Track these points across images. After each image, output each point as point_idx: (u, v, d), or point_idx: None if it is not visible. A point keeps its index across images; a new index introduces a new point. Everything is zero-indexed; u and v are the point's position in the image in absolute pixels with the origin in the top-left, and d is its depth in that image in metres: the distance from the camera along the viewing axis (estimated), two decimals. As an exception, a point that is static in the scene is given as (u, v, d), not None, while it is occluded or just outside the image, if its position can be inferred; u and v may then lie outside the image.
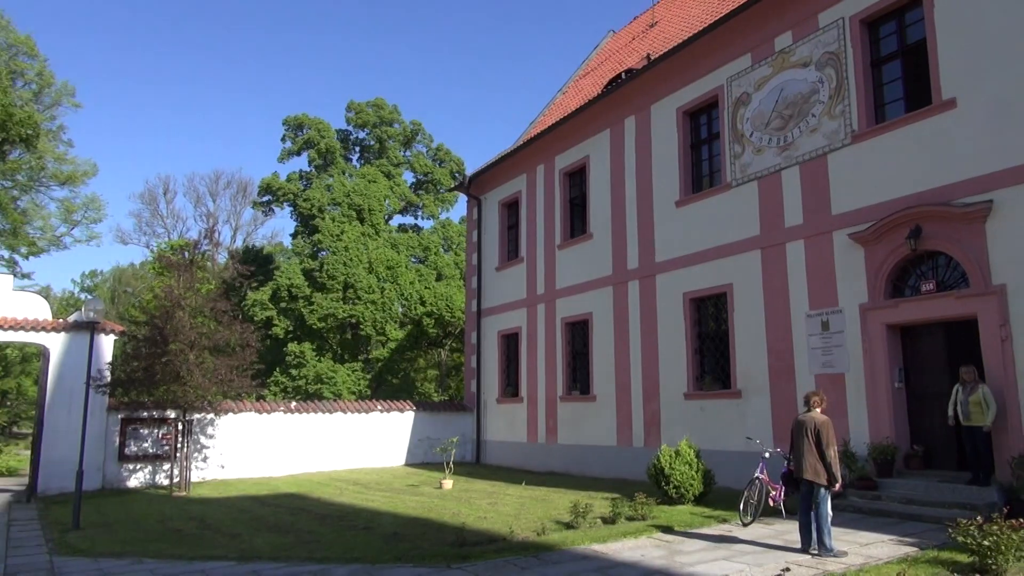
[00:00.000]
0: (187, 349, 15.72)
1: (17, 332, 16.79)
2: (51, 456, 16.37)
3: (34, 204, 40.94)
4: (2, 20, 37.39)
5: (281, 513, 12.18)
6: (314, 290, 36.13)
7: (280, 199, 41.68)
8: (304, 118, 42.54)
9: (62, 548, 9.57)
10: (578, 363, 18.34)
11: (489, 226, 22.37)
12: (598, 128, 18.02)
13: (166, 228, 52.53)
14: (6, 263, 35.88)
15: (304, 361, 35.36)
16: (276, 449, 19.18)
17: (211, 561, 8.33)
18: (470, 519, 10.67)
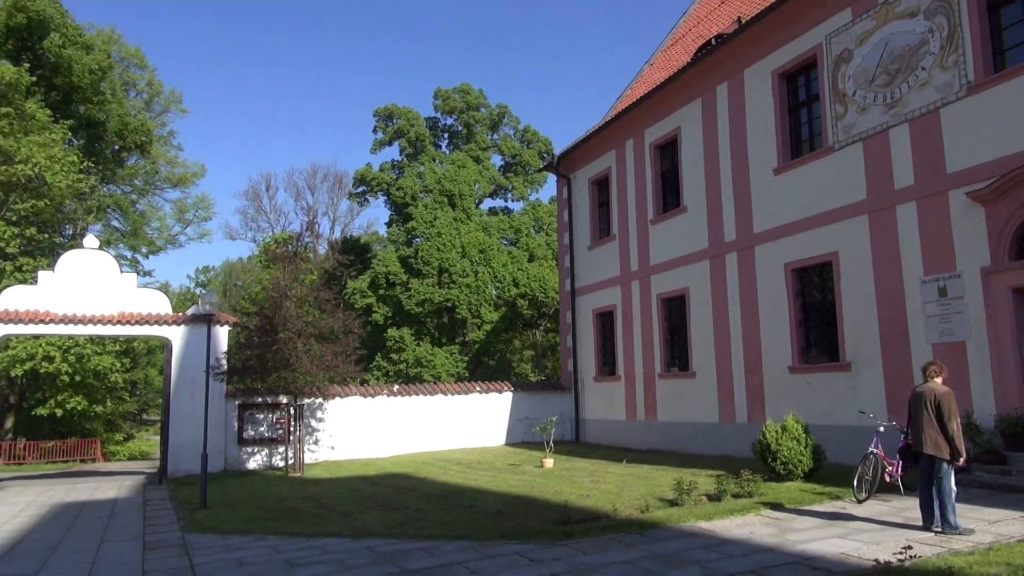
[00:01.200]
0: (295, 337, 16.43)
1: (143, 327, 18.04)
2: (178, 441, 17.56)
3: (151, 206, 43.72)
4: (114, 35, 39.82)
5: (389, 492, 12.61)
6: (410, 276, 37.01)
7: (374, 189, 42.79)
8: (394, 108, 43.39)
9: (192, 526, 10.26)
10: (676, 339, 18.02)
11: (579, 205, 22.22)
12: (688, 98, 17.52)
13: (270, 223, 54.99)
14: (129, 262, 38.50)
15: (403, 346, 36.35)
16: (381, 431, 19.84)
17: (327, 538, 8.72)
18: (573, 497, 10.72)
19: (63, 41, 32.52)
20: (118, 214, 39.95)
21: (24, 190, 27.67)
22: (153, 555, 8.36)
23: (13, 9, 31.31)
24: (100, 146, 36.16)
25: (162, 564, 7.87)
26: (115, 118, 36.03)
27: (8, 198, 27.59)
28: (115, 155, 38.05)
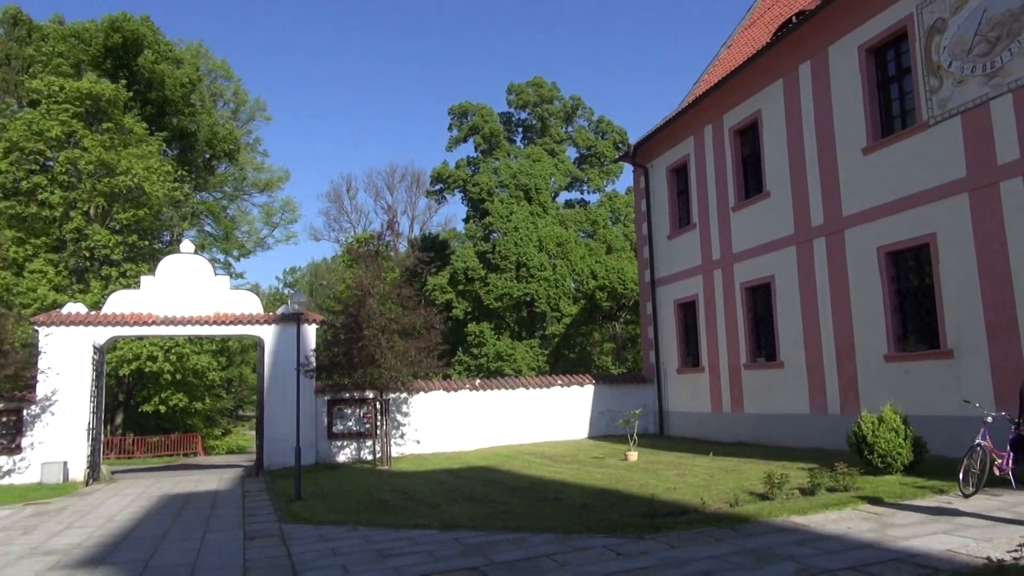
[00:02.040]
0: (379, 334, 16.82)
1: (237, 326, 18.85)
2: (272, 435, 18.28)
3: (240, 211, 45.62)
4: (202, 48, 41.65)
5: (475, 485, 12.76)
6: (488, 271, 37.30)
7: (451, 186, 43.30)
8: (468, 105, 43.75)
9: (288, 516, 10.66)
10: (762, 329, 17.51)
11: (657, 194, 21.86)
12: (769, 79, 16.95)
13: (351, 223, 56.48)
14: (222, 265, 40.30)
15: (484, 340, 36.70)
16: (464, 424, 20.10)
17: (416, 530, 8.90)
18: (659, 490, 10.58)
19: (156, 57, 34.27)
20: (211, 220, 41.88)
21: (126, 200, 29.34)
22: (253, 544, 8.73)
23: (110, 30, 33.21)
24: (192, 155, 37.98)
25: (262, 553, 8.20)
26: (205, 128, 37.78)
27: (112, 208, 29.31)
28: (206, 163, 39.92)
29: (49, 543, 9.42)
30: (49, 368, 17.22)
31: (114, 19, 33.47)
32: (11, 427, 17.12)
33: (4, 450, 16.98)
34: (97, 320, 17.83)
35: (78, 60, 32.97)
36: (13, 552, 8.88)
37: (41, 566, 7.97)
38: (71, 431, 17.21)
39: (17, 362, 16.43)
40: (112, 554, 8.57)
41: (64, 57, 32.49)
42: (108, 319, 17.93)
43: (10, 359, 16.26)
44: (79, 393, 17.38)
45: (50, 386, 17.22)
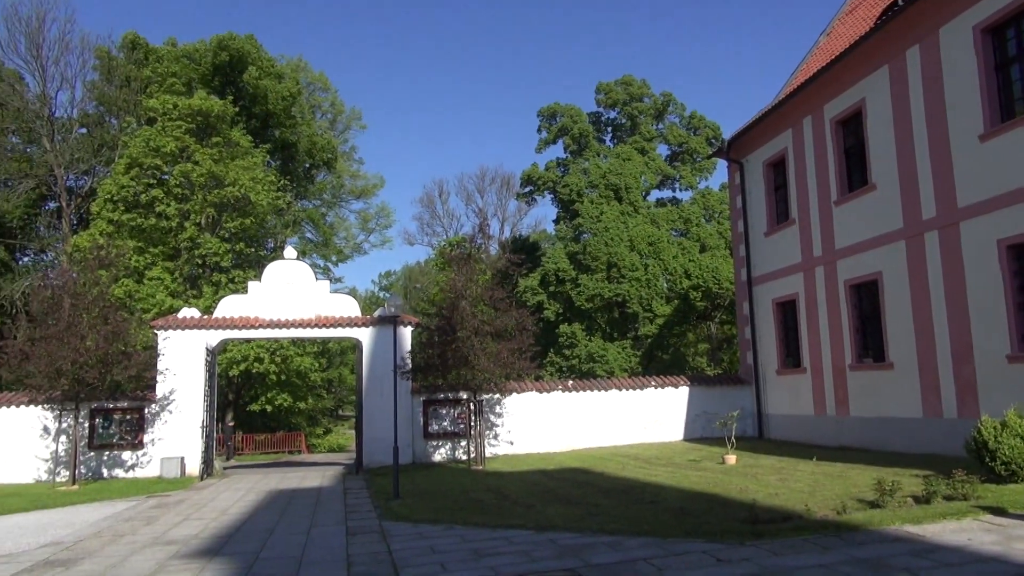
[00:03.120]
0: (472, 336, 17.04)
1: (336, 329, 19.53)
2: (371, 434, 18.83)
3: (338, 218, 47.33)
4: (301, 63, 43.44)
5: (569, 486, 12.73)
6: (579, 272, 37.16)
7: (541, 188, 43.43)
8: (557, 107, 43.76)
9: (388, 514, 10.95)
10: (868, 328, 16.67)
11: (754, 190, 21.19)
12: (873, 66, 16.13)
13: (443, 227, 57.50)
14: (322, 270, 41.87)
15: (575, 341, 36.58)
16: (557, 426, 20.08)
17: (511, 530, 8.96)
18: (760, 495, 10.25)
19: (259, 73, 36.00)
20: (311, 226, 43.62)
21: (233, 210, 30.93)
22: (355, 540, 9.02)
23: (218, 49, 35.14)
24: (293, 165, 39.68)
25: (364, 548, 8.46)
26: (305, 139, 39.39)
27: (221, 218, 30.96)
28: (306, 172, 41.62)
29: (169, 533, 10.03)
30: (167, 369, 18.36)
31: (221, 39, 35.39)
32: (134, 424, 18.36)
33: (128, 446, 18.22)
34: (209, 324, 18.88)
35: (189, 79, 35.02)
36: (139, 541, 9.51)
37: (164, 555, 8.50)
38: (186, 428, 18.28)
39: (139, 363, 17.57)
40: (226, 545, 9.04)
41: (177, 77, 34.59)
42: (219, 322, 18.95)
43: (133, 360, 17.40)
44: (194, 392, 18.44)
45: (168, 386, 18.35)
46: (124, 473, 18.05)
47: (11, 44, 35.04)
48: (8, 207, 31.92)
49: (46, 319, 16.88)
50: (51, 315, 16.91)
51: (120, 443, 18.22)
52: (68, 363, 16.07)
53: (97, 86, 36.26)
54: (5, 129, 33.96)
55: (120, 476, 17.97)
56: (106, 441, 18.19)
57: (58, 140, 34.63)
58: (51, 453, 17.76)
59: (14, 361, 16.43)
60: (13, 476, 17.47)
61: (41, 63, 35.09)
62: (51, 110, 35.26)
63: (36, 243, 35.60)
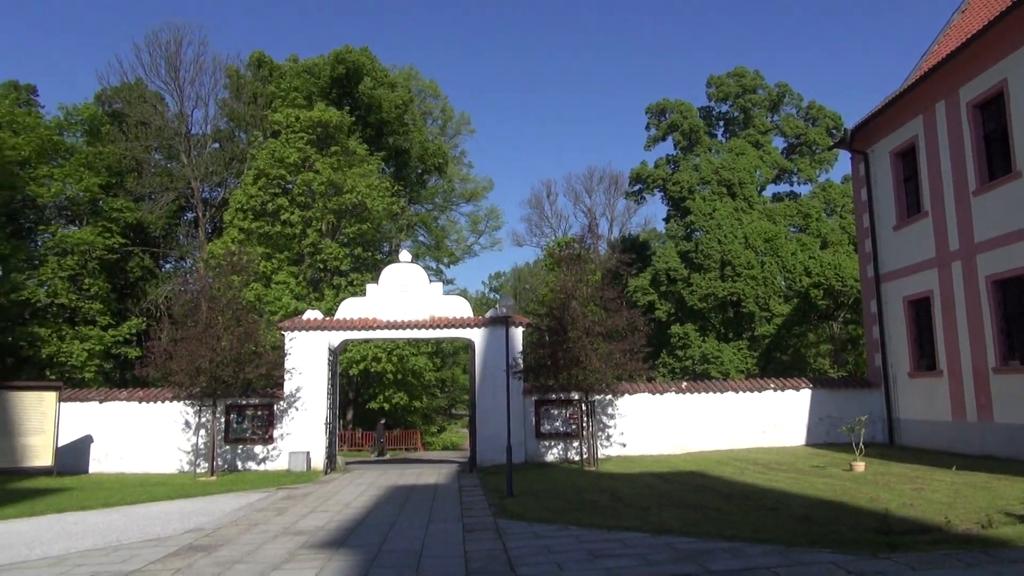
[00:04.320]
0: (583, 336, 16.99)
1: (450, 330, 19.98)
2: (484, 433, 19.14)
3: (449, 221, 48.47)
4: (413, 71, 44.77)
5: (684, 490, 12.45)
6: (691, 271, 36.33)
7: (650, 186, 42.78)
8: (666, 103, 43.00)
9: (502, 512, 11.09)
10: (1014, 328, 15.35)
11: (880, 181, 19.99)
12: (1016, 44, 14.85)
13: (552, 228, 57.66)
14: (434, 272, 42.97)
15: (688, 342, 35.78)
16: (670, 428, 19.70)
17: (626, 532, 8.86)
18: (892, 505, 9.65)
19: (373, 84, 37.42)
20: (423, 230, 44.89)
21: (351, 216, 32.29)
22: (472, 537, 9.18)
23: (335, 62, 36.81)
24: (406, 171, 40.97)
25: (480, 545, 8.61)
26: (417, 145, 40.59)
27: (340, 224, 32.38)
28: (418, 178, 42.86)
29: (298, 524, 10.58)
30: (293, 368, 19.37)
31: (338, 53, 37.04)
32: (264, 420, 19.48)
33: (260, 440, 19.35)
34: (331, 325, 19.77)
35: (310, 92, 36.84)
36: (271, 530, 10.09)
37: (294, 544, 8.98)
38: (312, 424, 19.22)
39: (268, 362, 18.62)
40: (350, 537, 9.44)
41: (298, 91, 36.48)
42: (340, 324, 19.81)
43: (263, 360, 18.48)
44: (318, 390, 19.36)
45: (295, 384, 19.35)
46: (256, 466, 19.19)
47: (153, 68, 38.08)
48: (152, 218, 34.69)
49: (186, 321, 18.20)
50: (190, 317, 18.21)
51: (252, 437, 19.39)
52: (206, 362, 17.25)
53: (227, 103, 38.78)
54: (149, 147, 36.91)
55: (252, 468, 19.12)
56: (240, 435, 19.40)
57: (194, 155, 37.29)
58: (192, 446, 19.12)
59: (160, 360, 17.81)
60: (160, 466, 18.94)
61: (179, 84, 37.93)
62: (188, 127, 38.01)
63: (177, 251, 38.48)
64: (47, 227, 31.20)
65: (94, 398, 19.58)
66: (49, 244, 30.68)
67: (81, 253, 30.08)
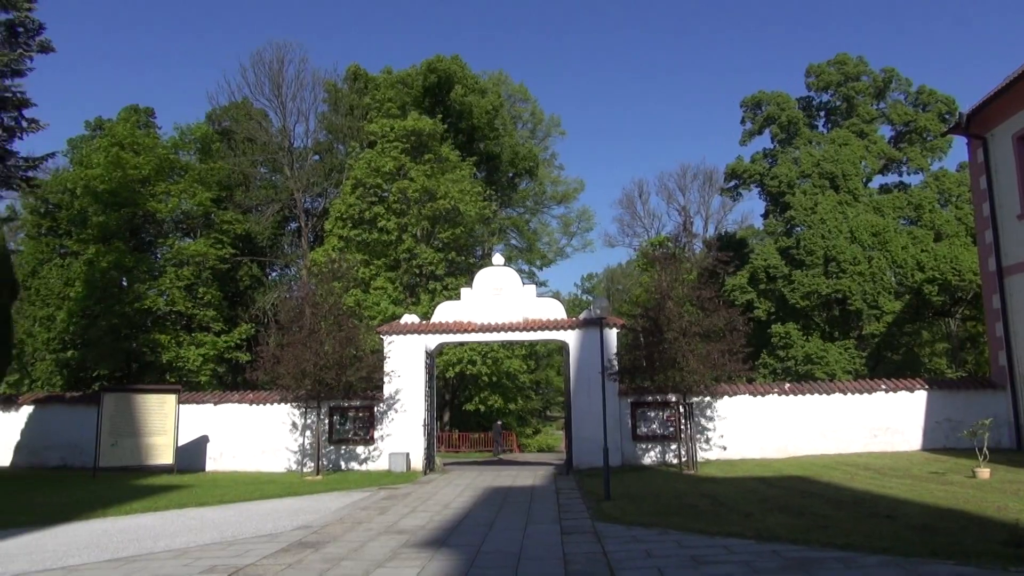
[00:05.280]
0: (680, 337, 16.65)
1: (543, 332, 20.01)
2: (579, 435, 19.06)
3: (541, 223, 48.61)
4: (502, 76, 45.19)
5: (789, 495, 11.98)
6: (792, 268, 35.02)
7: (746, 182, 41.56)
8: (761, 95, 41.68)
9: (599, 515, 10.99)
10: None
11: (1002, 167, 18.63)
12: None
13: (645, 227, 56.85)
14: (527, 275, 43.18)
15: (790, 342, 34.49)
16: (773, 431, 19.02)
17: (730, 538, 8.60)
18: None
19: (464, 91, 38.03)
20: (515, 233, 45.20)
21: (445, 221, 32.90)
22: (569, 539, 9.14)
23: (427, 72, 37.65)
24: (497, 175, 41.39)
25: (578, 548, 8.55)
26: (507, 149, 40.95)
27: (434, 229, 33.05)
28: (509, 181, 43.22)
29: (400, 523, 10.83)
30: (392, 371, 19.88)
31: (430, 62, 37.86)
32: (366, 421, 20.10)
33: (361, 441, 19.97)
34: (427, 328, 20.18)
35: (403, 102, 37.81)
36: (374, 529, 10.38)
37: (396, 543, 9.19)
38: (410, 426, 19.67)
39: (368, 365, 19.21)
40: (450, 537, 9.58)
41: (392, 101, 37.51)
42: (436, 327, 20.19)
43: (363, 363, 19.08)
44: (416, 392, 19.80)
45: (394, 386, 19.87)
46: (358, 466, 19.81)
47: (258, 87, 40.05)
48: (259, 229, 36.48)
49: (291, 327, 19.01)
50: (295, 323, 19.01)
51: (354, 438, 20.03)
52: (311, 365, 17.95)
53: (326, 117, 40.34)
54: (255, 161, 38.85)
55: (355, 468, 19.75)
56: (343, 436, 20.09)
57: (296, 168, 38.96)
58: (299, 446, 19.94)
59: (268, 364, 18.68)
60: (270, 465, 19.85)
61: (281, 101, 39.73)
62: (290, 142, 39.76)
63: (282, 259, 40.29)
64: (165, 240, 33.33)
65: (209, 400, 20.76)
66: (167, 256, 32.74)
67: (196, 264, 31.95)
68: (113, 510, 12.39)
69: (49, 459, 20.22)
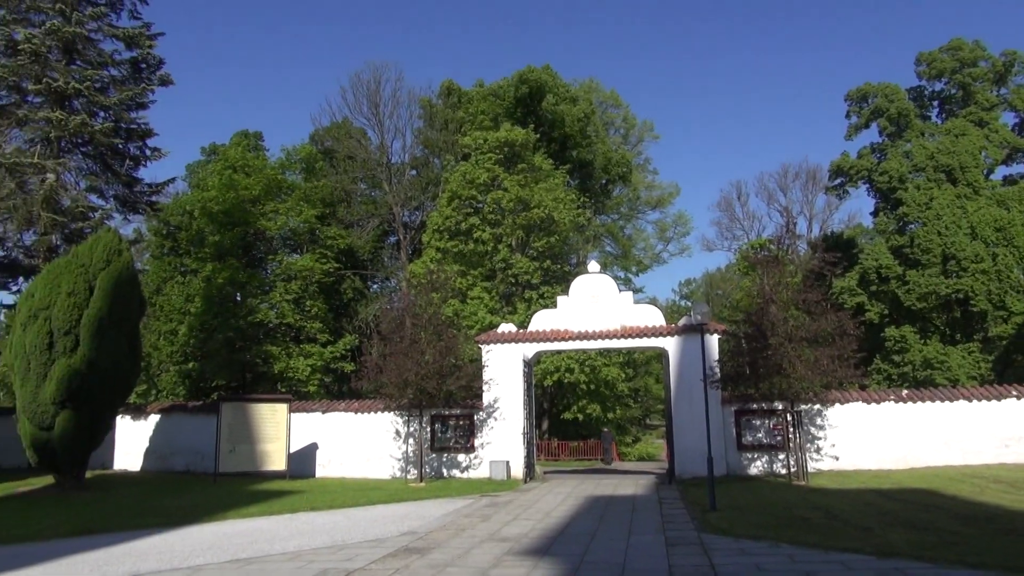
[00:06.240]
0: (785, 342, 16.04)
1: (641, 339, 19.73)
2: (681, 444, 18.64)
3: (636, 229, 48.01)
4: (593, 83, 45.05)
5: (912, 509, 11.30)
6: (906, 268, 33.12)
7: (853, 179, 39.72)
8: (868, 87, 39.78)
9: (705, 526, 10.69)
10: None
11: None
12: None
13: (744, 230, 55.08)
14: (623, 282, 42.69)
15: (906, 346, 32.58)
16: (890, 440, 18.01)
17: (847, 553, 8.18)
18: None
19: (556, 100, 38.15)
20: (610, 240, 44.81)
21: (539, 230, 33.01)
22: (675, 551, 8.93)
23: (519, 83, 38.00)
24: (591, 182, 41.21)
25: (685, 560, 8.35)
26: (600, 156, 40.73)
27: (528, 238, 33.23)
28: (603, 188, 42.95)
29: (502, 531, 10.90)
30: (491, 379, 20.08)
31: (521, 73, 38.19)
32: (466, 430, 20.37)
33: (462, 449, 20.26)
34: (524, 337, 20.29)
35: (496, 114, 38.28)
36: (477, 536, 10.49)
37: (499, 550, 9.26)
38: (510, 434, 19.79)
39: (468, 374, 19.48)
40: (552, 546, 9.56)
41: (485, 114, 38.05)
42: (533, 336, 20.27)
43: (463, 372, 19.36)
44: (514, 401, 19.92)
45: (492, 395, 20.06)
46: (459, 473, 20.09)
47: (357, 106, 41.56)
48: (360, 243, 37.78)
49: (393, 337, 19.54)
50: (396, 333, 19.53)
51: (455, 446, 20.35)
52: (412, 374, 18.38)
53: (422, 132, 41.37)
54: (355, 178, 40.30)
55: (456, 476, 20.04)
56: (444, 444, 20.44)
57: (394, 183, 40.12)
58: (402, 453, 20.43)
59: (372, 374, 19.26)
60: (375, 472, 20.43)
61: (379, 119, 41.06)
62: (388, 158, 41.00)
63: (382, 272, 41.51)
64: (274, 256, 35.00)
65: (317, 409, 21.60)
66: (276, 271, 34.37)
67: (303, 278, 33.38)
68: (232, 513, 13.08)
69: (175, 464, 21.57)
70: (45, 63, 22.27)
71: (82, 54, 23.41)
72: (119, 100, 23.39)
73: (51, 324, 15.89)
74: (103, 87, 23.59)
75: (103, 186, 24.74)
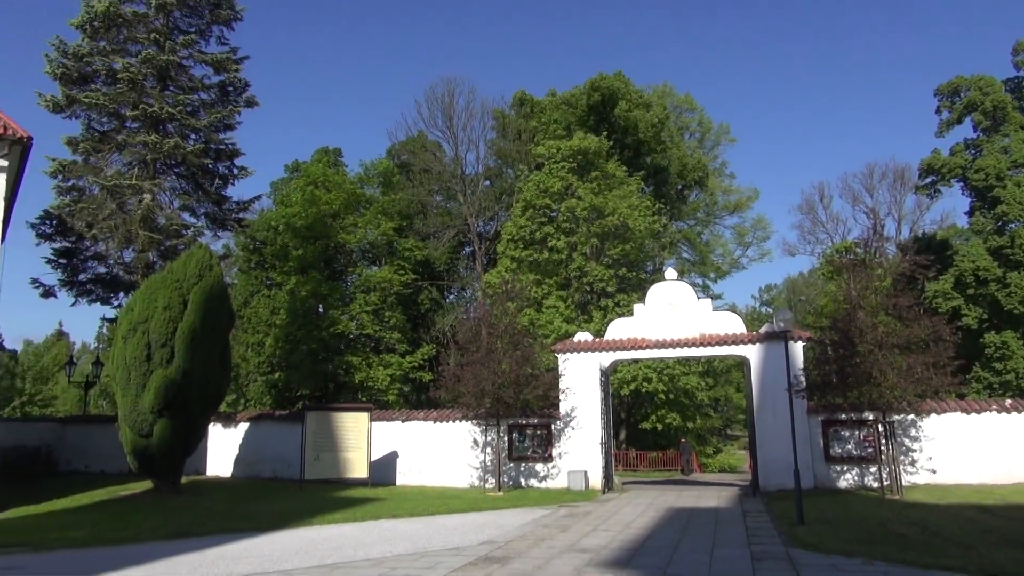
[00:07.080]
0: (875, 349, 15.39)
1: (721, 347, 19.29)
2: (765, 456, 18.09)
3: (713, 235, 47.02)
4: (667, 88, 44.50)
5: (1019, 527, 10.64)
6: (1007, 269, 31.33)
7: (945, 177, 37.85)
8: (960, 81, 37.91)
9: (793, 541, 10.34)
10: None
11: None
12: None
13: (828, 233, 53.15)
14: (701, 288, 41.83)
15: (1008, 352, 30.79)
16: (993, 453, 16.97)
17: (947, 571, 7.77)
18: None
19: (628, 106, 37.84)
20: (687, 246, 44.02)
21: (614, 237, 32.76)
22: (761, 566, 8.67)
23: (591, 91, 37.91)
24: (666, 188, 40.65)
25: (772, 575, 8.09)
26: (675, 161, 40.15)
27: (603, 246, 33.01)
28: (679, 194, 42.29)
29: (582, 542, 10.82)
30: (568, 388, 20.00)
31: (593, 81, 38.08)
32: (543, 439, 20.34)
33: (540, 458, 20.23)
34: (601, 346, 20.13)
35: (568, 123, 38.29)
36: (556, 546, 10.45)
37: (579, 561, 9.19)
38: (587, 444, 19.64)
39: (544, 383, 19.44)
40: (634, 558, 9.42)
41: (558, 122, 38.11)
42: (609, 344, 20.09)
43: (540, 381, 19.34)
44: (591, 410, 19.77)
45: (569, 404, 19.97)
46: (537, 483, 20.06)
47: (432, 120, 42.34)
48: (437, 255, 38.40)
49: (470, 347, 19.71)
50: (473, 343, 19.69)
51: (532, 456, 20.34)
52: (489, 384, 18.48)
53: (495, 143, 41.75)
54: (431, 190, 41.01)
55: (534, 485, 20.02)
56: (521, 453, 20.46)
57: (469, 194, 40.60)
58: (480, 462, 20.56)
59: (449, 383, 19.48)
60: (454, 480, 20.63)
61: (453, 131, 41.68)
62: (462, 169, 41.54)
63: (458, 282, 42.03)
64: (354, 268, 35.95)
65: (397, 418, 22.00)
66: (356, 283, 35.29)
67: (382, 290, 34.14)
68: (318, 519, 13.45)
69: (263, 471, 22.33)
70: (141, 90, 23.61)
71: (175, 80, 24.72)
72: (209, 122, 24.58)
73: (149, 337, 16.76)
74: (194, 110, 24.84)
75: (195, 204, 25.98)
